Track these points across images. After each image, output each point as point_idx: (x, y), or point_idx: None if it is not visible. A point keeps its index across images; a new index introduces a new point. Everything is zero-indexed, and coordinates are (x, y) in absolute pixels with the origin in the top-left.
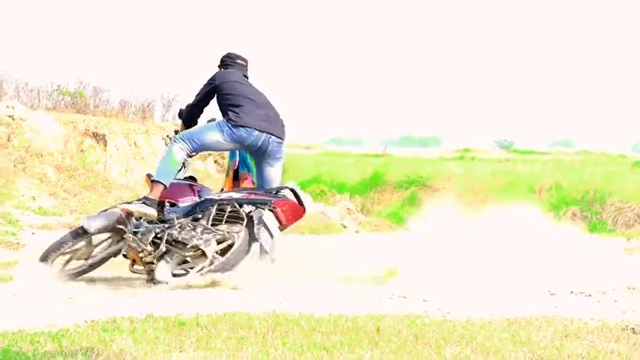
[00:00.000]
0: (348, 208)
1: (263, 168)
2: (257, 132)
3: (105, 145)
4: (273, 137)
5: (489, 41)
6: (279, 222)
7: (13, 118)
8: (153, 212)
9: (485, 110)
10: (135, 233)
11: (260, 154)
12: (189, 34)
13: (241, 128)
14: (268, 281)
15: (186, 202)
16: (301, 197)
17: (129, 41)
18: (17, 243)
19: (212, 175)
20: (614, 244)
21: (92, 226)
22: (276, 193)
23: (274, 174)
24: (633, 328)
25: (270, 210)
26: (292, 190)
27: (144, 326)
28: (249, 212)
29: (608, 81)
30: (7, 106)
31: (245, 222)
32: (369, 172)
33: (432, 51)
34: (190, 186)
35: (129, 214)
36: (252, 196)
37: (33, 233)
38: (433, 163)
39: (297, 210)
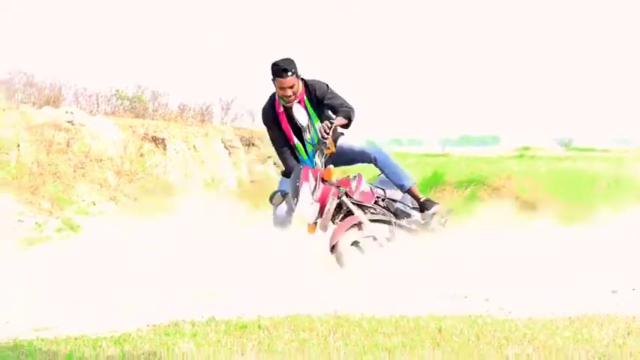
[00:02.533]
0: None
1: None
2: None
3: (164, 149)
4: None
5: (548, 38)
6: None
7: (72, 124)
8: None
9: (544, 107)
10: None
11: None
12: (247, 37)
13: None
14: (329, 282)
15: None
16: None
17: (187, 44)
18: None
19: (272, 177)
20: None
21: None
22: None
23: None
24: None
25: None
26: None
27: (206, 329)
28: None
29: None
30: (66, 112)
31: None
32: (429, 172)
33: (491, 50)
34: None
35: None
36: None
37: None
38: (493, 161)
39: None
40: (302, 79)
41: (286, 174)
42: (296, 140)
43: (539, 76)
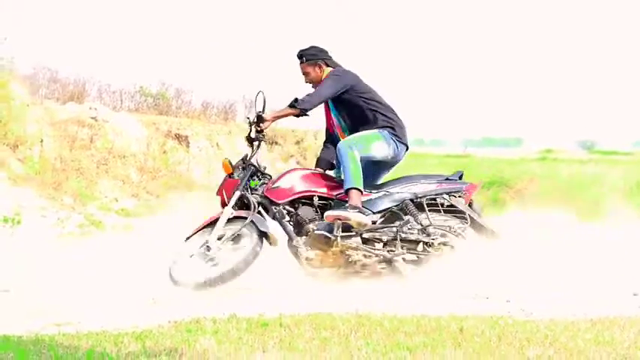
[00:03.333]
0: None
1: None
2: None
3: (187, 146)
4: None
5: (570, 41)
6: None
7: (95, 120)
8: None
9: (567, 110)
10: (347, 238)
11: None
12: (270, 36)
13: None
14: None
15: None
16: None
17: (211, 43)
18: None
19: None
20: None
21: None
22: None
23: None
24: None
25: (459, 196)
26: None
27: (227, 327)
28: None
29: None
30: (90, 108)
31: (467, 214)
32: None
33: (514, 51)
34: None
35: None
36: (448, 186)
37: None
38: (515, 163)
39: (475, 188)
40: (331, 67)
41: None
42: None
43: (564, 79)
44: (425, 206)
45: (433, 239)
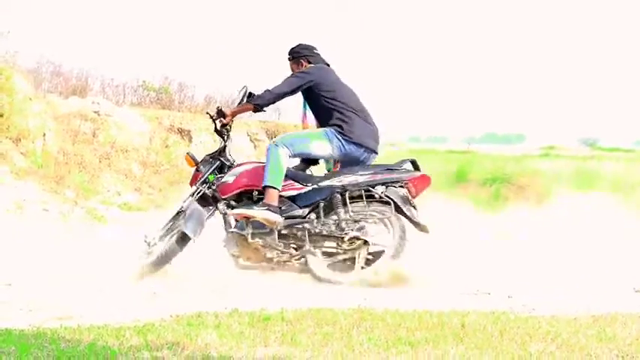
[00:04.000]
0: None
1: None
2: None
3: (190, 140)
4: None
5: (573, 39)
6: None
7: (98, 114)
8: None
9: (569, 107)
10: (259, 235)
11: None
12: (273, 31)
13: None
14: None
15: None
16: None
17: (214, 38)
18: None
19: None
20: None
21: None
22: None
23: None
24: None
25: (400, 187)
26: (413, 162)
27: (229, 321)
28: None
29: None
30: (93, 102)
31: (392, 204)
32: (453, 169)
33: (518, 49)
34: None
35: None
36: (383, 176)
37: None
38: (517, 160)
39: (426, 180)
40: (312, 64)
41: None
42: None
43: (567, 77)
44: (347, 199)
45: (345, 234)
